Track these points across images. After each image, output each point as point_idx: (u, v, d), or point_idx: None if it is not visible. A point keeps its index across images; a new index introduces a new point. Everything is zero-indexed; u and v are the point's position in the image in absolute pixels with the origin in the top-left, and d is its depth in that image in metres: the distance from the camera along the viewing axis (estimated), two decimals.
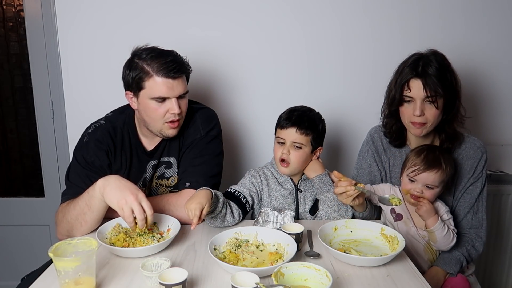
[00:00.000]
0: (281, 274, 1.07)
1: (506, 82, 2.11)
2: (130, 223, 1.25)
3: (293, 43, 2.02)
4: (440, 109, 1.46)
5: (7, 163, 2.38)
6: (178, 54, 1.49)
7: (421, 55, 1.50)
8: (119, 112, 1.61)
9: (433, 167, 1.43)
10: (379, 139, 1.68)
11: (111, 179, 1.30)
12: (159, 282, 1.01)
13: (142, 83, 1.43)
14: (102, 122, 1.57)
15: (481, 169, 1.55)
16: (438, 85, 1.43)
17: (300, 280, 1.08)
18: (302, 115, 1.52)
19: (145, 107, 1.46)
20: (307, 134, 1.50)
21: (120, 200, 1.24)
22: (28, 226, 2.28)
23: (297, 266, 1.09)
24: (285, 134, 1.51)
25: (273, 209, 1.44)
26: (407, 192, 1.47)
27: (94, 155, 1.49)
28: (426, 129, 1.50)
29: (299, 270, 1.09)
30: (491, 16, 2.03)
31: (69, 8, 1.96)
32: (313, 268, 1.08)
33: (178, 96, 1.45)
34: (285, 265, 1.09)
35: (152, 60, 1.42)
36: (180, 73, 1.45)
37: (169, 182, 1.61)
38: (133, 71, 1.44)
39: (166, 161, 1.59)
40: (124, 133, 1.56)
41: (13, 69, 2.23)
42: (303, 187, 1.58)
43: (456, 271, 1.49)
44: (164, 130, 1.49)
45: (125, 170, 1.55)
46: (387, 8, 2.00)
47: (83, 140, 1.54)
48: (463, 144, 1.57)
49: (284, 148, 1.50)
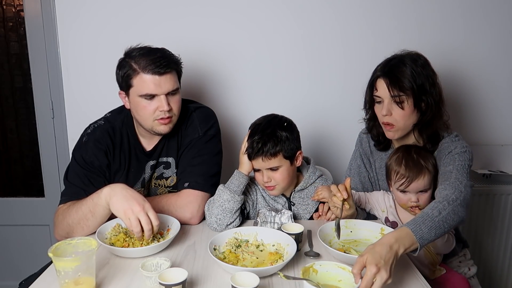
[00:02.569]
0: (314, 270, 1.08)
1: (506, 83, 2.11)
2: (138, 233, 1.24)
3: (291, 43, 2.03)
4: (409, 110, 1.44)
5: (7, 163, 2.38)
6: (168, 51, 1.48)
7: (396, 56, 1.49)
8: (117, 112, 1.61)
9: (419, 174, 1.41)
10: (367, 141, 1.69)
11: (117, 188, 1.29)
12: (159, 282, 1.01)
13: (130, 81, 1.43)
14: (101, 123, 1.57)
15: (455, 153, 1.42)
16: (404, 85, 1.41)
17: (334, 280, 1.08)
18: (263, 137, 1.40)
19: (136, 105, 1.46)
20: (275, 154, 1.40)
21: (126, 210, 1.24)
22: (28, 226, 2.28)
23: (332, 266, 1.10)
24: (256, 164, 1.44)
25: (270, 210, 1.43)
26: (406, 206, 1.46)
27: (92, 155, 1.49)
28: (399, 132, 1.48)
29: (334, 270, 1.09)
30: (491, 17, 2.03)
31: (69, 8, 1.96)
32: (348, 271, 1.07)
33: (168, 93, 1.44)
34: (319, 262, 1.10)
35: (140, 57, 1.41)
36: (168, 69, 1.42)
37: (168, 182, 1.61)
38: (122, 69, 1.45)
39: (164, 161, 1.59)
40: (123, 133, 1.56)
41: (13, 69, 2.23)
42: (297, 198, 1.54)
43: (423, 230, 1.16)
44: (155, 127, 1.48)
45: (124, 170, 1.55)
46: (386, 9, 2.00)
47: (82, 140, 1.53)
48: (442, 141, 1.51)
49: (264, 176, 1.44)
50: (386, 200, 1.55)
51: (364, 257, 1.03)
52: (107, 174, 1.52)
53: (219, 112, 1.71)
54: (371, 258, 1.02)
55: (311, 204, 1.53)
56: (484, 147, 2.14)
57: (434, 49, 1.77)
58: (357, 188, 1.66)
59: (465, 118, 2.14)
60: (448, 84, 1.93)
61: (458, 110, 2.11)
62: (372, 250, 1.05)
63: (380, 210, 1.55)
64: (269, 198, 1.54)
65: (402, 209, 1.51)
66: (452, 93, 2.06)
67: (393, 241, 1.08)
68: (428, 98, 1.45)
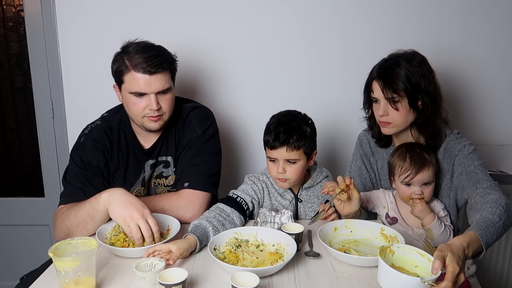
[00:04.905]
0: (391, 251, 1.10)
1: (506, 82, 2.11)
2: (138, 240, 1.24)
3: (292, 43, 2.03)
4: (405, 109, 1.45)
5: (7, 163, 2.38)
6: (163, 49, 1.48)
7: (392, 57, 1.50)
8: (114, 112, 1.62)
9: (423, 166, 1.44)
10: (367, 142, 1.70)
11: (116, 193, 1.29)
12: (159, 282, 1.01)
13: (122, 77, 1.44)
14: (98, 123, 1.57)
15: (468, 152, 1.47)
16: (398, 87, 1.43)
17: (409, 264, 1.09)
18: (290, 129, 1.42)
19: (127, 101, 1.47)
20: (299, 147, 1.42)
21: (126, 217, 1.24)
22: (28, 226, 2.28)
23: (411, 250, 1.11)
24: (275, 154, 1.44)
25: (270, 209, 1.43)
26: (409, 199, 1.47)
27: (90, 155, 1.49)
28: (394, 128, 1.50)
29: (412, 255, 1.10)
30: (491, 16, 2.03)
31: (69, 8, 1.96)
32: (428, 259, 1.07)
33: (159, 92, 1.44)
34: (397, 245, 1.12)
35: (134, 54, 1.41)
36: (159, 69, 1.41)
37: (168, 181, 1.61)
38: (116, 64, 1.45)
39: (164, 160, 1.59)
40: (121, 132, 1.56)
41: (13, 69, 2.23)
42: (304, 196, 1.55)
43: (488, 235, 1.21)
44: (145, 123, 1.48)
45: (122, 169, 1.55)
46: (386, 9, 2.00)
47: (80, 141, 1.54)
48: (445, 139, 1.54)
49: (279, 167, 1.44)
50: (386, 197, 1.57)
51: (444, 253, 1.03)
52: (106, 174, 1.52)
53: (218, 112, 1.71)
54: (452, 257, 1.03)
55: (317, 202, 1.54)
56: (484, 147, 2.14)
57: (434, 48, 1.77)
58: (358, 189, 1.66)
59: (465, 118, 2.14)
60: (447, 84, 1.93)
61: (458, 110, 2.11)
62: (450, 249, 1.05)
63: (381, 207, 1.57)
64: (277, 195, 1.54)
65: (403, 204, 1.53)
66: (452, 93, 2.06)
67: (465, 245, 1.11)
68: (424, 96, 1.46)
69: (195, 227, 1.30)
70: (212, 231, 1.30)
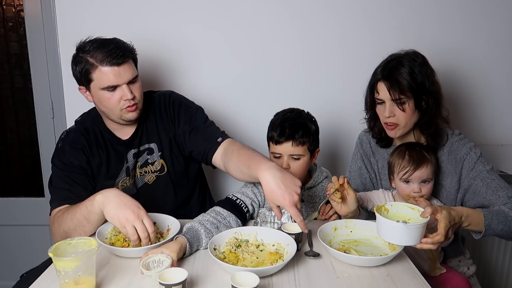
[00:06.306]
0: (385, 209, 1.24)
1: (506, 82, 2.11)
2: (135, 241, 1.24)
3: (288, 44, 2.02)
4: (411, 110, 1.46)
5: (7, 163, 2.38)
6: (120, 40, 1.49)
7: (394, 57, 1.50)
8: (86, 114, 1.65)
9: (422, 163, 1.45)
10: (367, 142, 1.70)
11: (110, 195, 1.28)
12: (159, 282, 1.01)
13: (90, 76, 1.44)
14: (73, 127, 1.61)
15: (476, 157, 1.48)
16: (405, 88, 1.43)
17: (403, 219, 1.19)
18: (295, 125, 1.45)
19: (99, 99, 1.48)
20: (303, 143, 1.45)
21: (121, 219, 1.24)
22: (28, 226, 2.28)
23: (403, 206, 1.25)
24: (280, 149, 1.46)
25: (270, 209, 1.43)
26: (409, 197, 1.47)
27: (71, 156, 1.51)
28: (400, 130, 1.50)
29: (404, 210, 1.24)
30: (491, 17, 2.03)
31: (69, 8, 1.96)
32: (418, 211, 1.21)
33: (129, 82, 1.46)
34: (390, 203, 1.26)
35: (95, 51, 1.42)
36: (125, 58, 1.44)
37: (154, 167, 1.62)
38: (78, 65, 1.46)
39: (147, 148, 1.61)
40: (96, 130, 1.58)
41: (13, 69, 2.23)
42: (305, 196, 1.54)
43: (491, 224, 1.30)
44: (123, 115, 1.49)
45: (105, 163, 1.56)
46: (385, 8, 1.99)
47: (58, 146, 1.56)
48: (449, 140, 1.55)
49: (283, 163, 1.46)
50: (386, 197, 1.57)
51: (440, 209, 1.17)
52: (90, 171, 1.53)
53: (218, 112, 1.71)
54: (447, 215, 1.17)
55: (318, 203, 1.54)
56: (484, 147, 2.13)
57: (433, 48, 1.76)
58: (358, 189, 1.66)
59: (465, 118, 2.14)
60: (447, 84, 1.93)
61: (458, 110, 2.11)
62: (448, 209, 1.19)
63: None
64: None
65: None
66: (451, 93, 2.06)
67: (465, 215, 1.25)
68: (428, 97, 1.46)
69: (187, 229, 1.30)
70: (205, 233, 1.29)
